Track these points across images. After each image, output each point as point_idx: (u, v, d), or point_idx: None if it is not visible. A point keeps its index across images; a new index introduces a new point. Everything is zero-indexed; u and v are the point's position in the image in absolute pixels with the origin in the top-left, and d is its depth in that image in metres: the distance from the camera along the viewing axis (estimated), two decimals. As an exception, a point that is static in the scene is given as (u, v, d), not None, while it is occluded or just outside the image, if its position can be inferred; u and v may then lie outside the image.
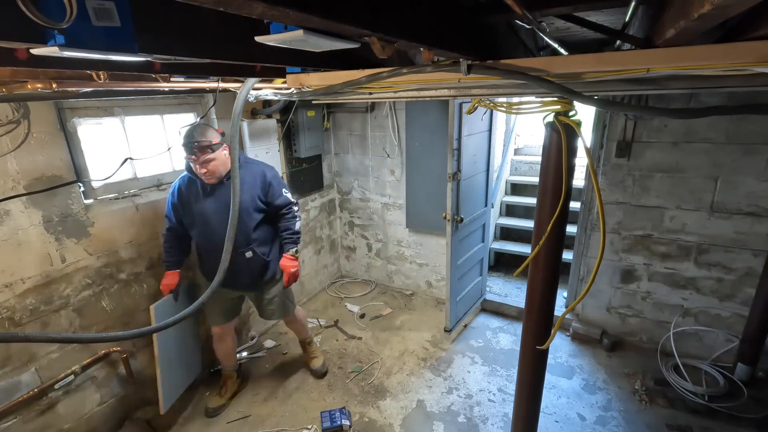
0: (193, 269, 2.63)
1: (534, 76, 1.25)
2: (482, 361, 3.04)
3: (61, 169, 2.05)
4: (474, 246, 3.48)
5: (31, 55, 0.97)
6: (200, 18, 1.00)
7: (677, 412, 2.50)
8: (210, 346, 2.67)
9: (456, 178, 2.91)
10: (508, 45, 1.68)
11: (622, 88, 1.36)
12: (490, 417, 2.54)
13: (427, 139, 3.45)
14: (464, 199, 3.10)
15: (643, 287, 3.01)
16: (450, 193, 2.90)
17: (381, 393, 2.75)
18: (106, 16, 0.76)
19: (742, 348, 2.63)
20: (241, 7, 0.58)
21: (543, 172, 1.52)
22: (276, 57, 1.28)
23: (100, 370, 2.34)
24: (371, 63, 1.66)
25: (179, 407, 2.57)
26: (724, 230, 2.66)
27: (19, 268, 1.94)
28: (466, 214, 3.15)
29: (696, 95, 2.49)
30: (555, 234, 1.56)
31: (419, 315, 3.69)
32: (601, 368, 2.91)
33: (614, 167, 2.87)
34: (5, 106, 1.81)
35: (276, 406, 2.65)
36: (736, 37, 1.05)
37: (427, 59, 1.16)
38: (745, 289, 2.69)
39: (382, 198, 3.96)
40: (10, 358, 1.95)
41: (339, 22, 0.70)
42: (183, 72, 1.53)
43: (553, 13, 1.31)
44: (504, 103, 1.90)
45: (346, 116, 3.86)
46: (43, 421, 2.10)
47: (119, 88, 1.78)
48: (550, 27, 2.12)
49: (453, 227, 2.99)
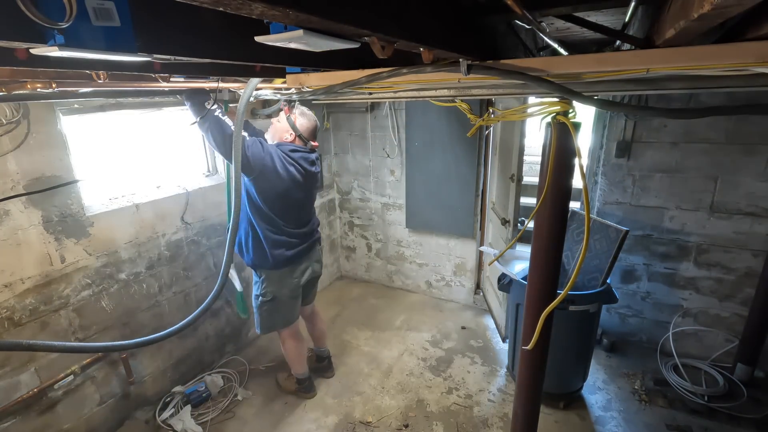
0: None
1: (534, 77, 1.25)
2: (482, 361, 3.05)
3: (61, 169, 2.04)
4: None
5: (30, 55, 0.97)
6: (200, 18, 1.00)
7: (677, 412, 2.50)
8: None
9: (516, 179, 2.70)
10: (508, 45, 1.68)
11: (621, 89, 1.36)
12: (490, 417, 2.54)
13: (427, 139, 3.45)
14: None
15: (642, 287, 3.01)
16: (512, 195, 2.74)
17: (381, 393, 2.75)
18: (106, 16, 0.76)
19: (741, 348, 2.63)
20: (241, 7, 0.57)
21: (543, 172, 1.52)
22: (276, 57, 1.28)
23: (100, 370, 2.34)
24: (371, 63, 1.66)
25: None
26: (723, 230, 2.67)
27: (18, 268, 1.94)
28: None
29: (696, 95, 2.49)
30: (554, 234, 1.56)
31: (419, 315, 3.69)
32: (601, 368, 2.91)
33: (614, 167, 2.87)
34: (5, 106, 1.81)
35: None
36: (736, 37, 1.05)
37: (427, 59, 1.16)
38: (745, 289, 2.69)
39: (382, 198, 3.96)
40: (9, 358, 1.95)
41: (339, 22, 0.70)
42: (183, 72, 1.53)
43: (553, 14, 1.31)
44: (505, 111, 1.91)
45: (346, 116, 3.86)
46: (42, 421, 2.10)
47: (119, 88, 1.78)
48: (550, 27, 2.12)
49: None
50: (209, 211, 2.83)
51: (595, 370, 2.89)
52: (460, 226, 3.59)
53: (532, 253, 1.62)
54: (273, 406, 2.67)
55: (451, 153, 3.40)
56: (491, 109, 2.02)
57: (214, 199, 2.85)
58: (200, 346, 2.91)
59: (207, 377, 2.79)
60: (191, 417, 2.51)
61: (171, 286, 2.65)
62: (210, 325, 2.97)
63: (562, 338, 2.24)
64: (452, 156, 3.40)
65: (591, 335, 2.51)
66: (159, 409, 2.56)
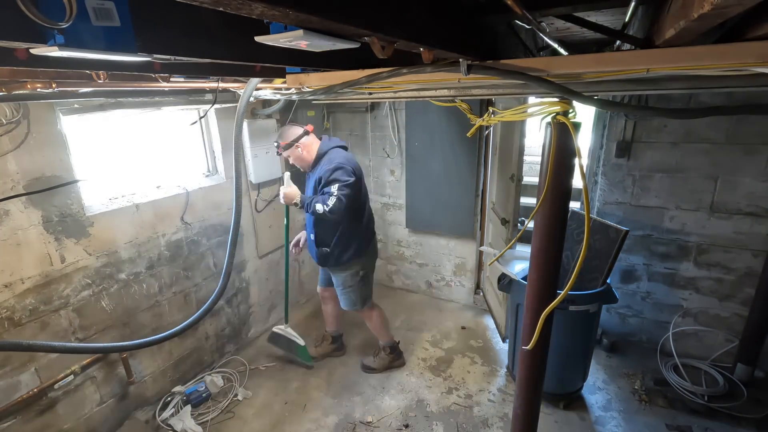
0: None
1: (534, 76, 1.25)
2: (482, 361, 3.05)
3: (61, 169, 2.04)
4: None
5: (30, 55, 0.97)
6: (200, 18, 1.00)
7: (677, 412, 2.50)
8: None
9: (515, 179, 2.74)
10: (508, 45, 1.68)
11: (622, 89, 1.36)
12: (490, 417, 2.54)
13: (427, 139, 3.45)
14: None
15: (642, 287, 3.01)
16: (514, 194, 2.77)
17: (381, 392, 2.75)
18: (106, 16, 0.76)
19: (741, 348, 2.63)
20: (241, 7, 0.57)
21: (542, 172, 1.52)
22: (276, 57, 1.28)
23: (100, 370, 2.34)
24: (371, 63, 1.66)
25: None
26: (723, 230, 2.67)
27: (18, 268, 1.94)
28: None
29: (696, 95, 2.49)
30: (554, 234, 1.56)
31: (419, 315, 3.69)
32: (601, 368, 2.91)
33: (614, 167, 2.87)
34: (5, 106, 1.80)
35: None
36: (736, 37, 1.05)
37: (427, 59, 1.16)
38: (745, 289, 2.69)
39: (382, 198, 3.96)
40: (9, 357, 1.95)
41: (339, 22, 0.70)
42: (183, 72, 1.53)
43: (553, 14, 1.31)
44: (505, 111, 1.91)
45: (346, 116, 3.86)
46: (42, 421, 2.10)
47: (119, 88, 1.78)
48: (550, 27, 2.12)
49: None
50: (209, 211, 2.83)
51: (595, 370, 2.89)
52: (460, 226, 3.59)
53: (532, 253, 1.62)
54: (273, 406, 2.67)
55: (451, 153, 3.40)
56: (491, 109, 2.02)
57: (214, 199, 2.85)
58: (200, 346, 2.91)
59: (207, 377, 2.80)
60: (191, 417, 2.51)
61: (171, 286, 2.65)
62: (210, 325, 2.97)
63: (562, 338, 2.25)
64: (452, 156, 3.40)
65: (591, 335, 2.51)
66: (159, 409, 2.56)
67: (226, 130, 2.85)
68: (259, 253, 3.31)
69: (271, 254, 3.41)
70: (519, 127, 2.61)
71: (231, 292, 3.12)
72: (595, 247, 2.60)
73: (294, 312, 3.32)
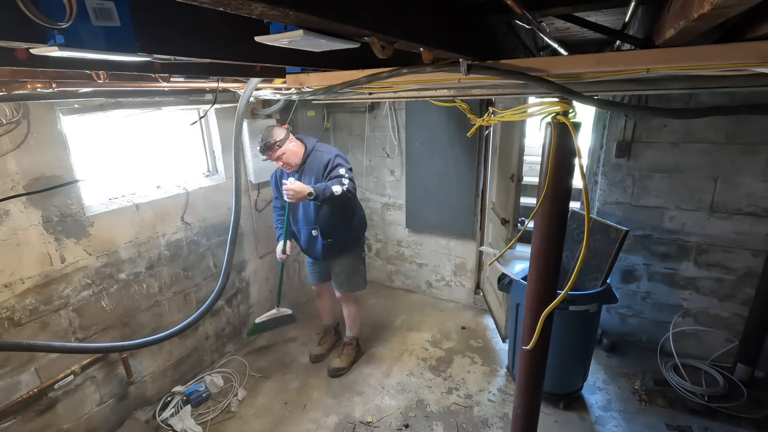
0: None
1: (534, 76, 1.25)
2: (482, 361, 3.05)
3: (61, 169, 2.04)
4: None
5: (30, 55, 0.97)
6: (200, 18, 1.00)
7: (677, 412, 2.50)
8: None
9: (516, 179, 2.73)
10: (508, 45, 1.68)
11: (621, 89, 1.36)
12: (490, 417, 2.54)
13: (427, 139, 3.45)
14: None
15: (642, 287, 3.01)
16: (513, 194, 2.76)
17: (381, 392, 2.75)
18: (106, 16, 0.76)
19: (741, 348, 2.63)
20: (241, 7, 0.57)
21: (542, 172, 1.52)
22: (276, 57, 1.28)
23: (100, 370, 2.34)
24: (371, 63, 1.66)
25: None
26: (723, 230, 2.67)
27: (18, 268, 1.94)
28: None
29: (696, 95, 2.49)
30: (554, 234, 1.56)
31: (419, 315, 3.69)
32: (601, 368, 2.91)
33: (614, 167, 2.87)
34: (5, 106, 1.80)
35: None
36: (736, 37, 1.05)
37: (427, 59, 1.16)
38: (745, 289, 2.69)
39: (382, 198, 3.96)
40: (9, 358, 1.95)
41: (339, 22, 0.70)
42: (183, 72, 1.53)
43: (553, 14, 1.31)
44: (505, 111, 1.91)
45: (346, 116, 3.86)
46: (42, 421, 2.10)
47: (119, 88, 1.78)
48: (550, 27, 2.12)
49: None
50: (209, 211, 2.83)
51: (595, 370, 2.89)
52: (460, 226, 3.59)
53: (532, 253, 1.62)
54: (273, 406, 2.67)
55: (450, 153, 3.40)
56: (491, 109, 2.02)
57: (214, 199, 2.85)
58: (200, 346, 2.92)
59: (207, 377, 2.80)
60: (191, 417, 2.51)
61: (171, 286, 2.65)
62: (210, 325, 2.97)
63: (562, 338, 2.24)
64: (452, 156, 3.40)
65: (591, 335, 2.51)
66: (159, 409, 2.56)
67: (226, 130, 2.85)
68: (259, 253, 3.31)
69: (271, 254, 3.41)
70: (519, 127, 2.61)
71: (231, 292, 3.12)
72: (595, 247, 2.60)
73: (295, 312, 3.32)
